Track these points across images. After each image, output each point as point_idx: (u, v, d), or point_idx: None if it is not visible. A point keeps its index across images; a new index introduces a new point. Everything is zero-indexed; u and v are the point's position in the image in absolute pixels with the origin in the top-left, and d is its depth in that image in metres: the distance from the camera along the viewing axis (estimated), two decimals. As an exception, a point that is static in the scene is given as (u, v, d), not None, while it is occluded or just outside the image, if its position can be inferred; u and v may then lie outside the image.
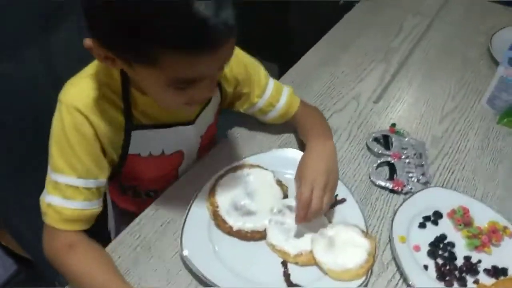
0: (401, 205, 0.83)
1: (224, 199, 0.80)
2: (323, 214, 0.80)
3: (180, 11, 0.52)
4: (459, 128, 1.04)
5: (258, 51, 0.92)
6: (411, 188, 0.88)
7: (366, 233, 0.76)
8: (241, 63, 0.84)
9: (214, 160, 0.90)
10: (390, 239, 0.78)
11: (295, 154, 0.90)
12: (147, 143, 0.78)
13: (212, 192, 0.81)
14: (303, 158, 0.81)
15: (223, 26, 0.55)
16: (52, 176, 0.69)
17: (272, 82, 0.89)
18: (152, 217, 0.81)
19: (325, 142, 0.83)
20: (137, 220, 0.81)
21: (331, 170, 0.77)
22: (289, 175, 0.86)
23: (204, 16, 0.53)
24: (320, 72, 1.17)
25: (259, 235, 0.77)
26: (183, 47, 0.55)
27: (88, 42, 0.60)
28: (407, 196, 0.86)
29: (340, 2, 1.61)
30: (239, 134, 0.97)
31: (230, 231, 0.77)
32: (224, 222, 0.77)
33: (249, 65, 0.86)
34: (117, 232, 0.82)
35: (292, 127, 0.96)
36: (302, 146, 0.94)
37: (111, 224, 0.99)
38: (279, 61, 1.40)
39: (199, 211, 0.79)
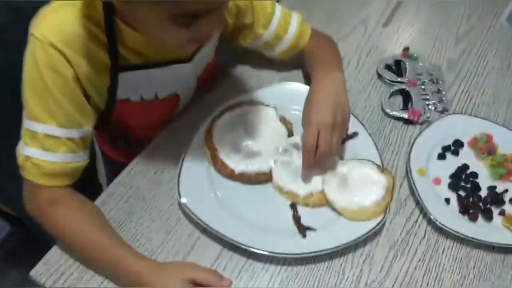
0: (418, 135, 0.76)
1: (223, 141, 0.71)
2: (333, 151, 0.72)
3: None
4: (476, 50, 0.94)
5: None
6: (428, 117, 0.80)
7: (382, 168, 0.69)
8: None
9: (210, 99, 0.80)
10: (408, 173, 0.71)
11: (300, 88, 0.80)
12: (138, 86, 0.68)
13: (208, 134, 0.72)
14: (307, 96, 0.71)
15: None
16: (28, 124, 0.60)
17: (279, 10, 0.77)
18: (144, 165, 0.73)
19: (332, 73, 0.73)
20: (127, 169, 0.73)
21: (339, 105, 0.68)
22: (295, 111, 0.78)
23: None
24: (320, -2, 1.05)
25: (264, 178, 0.70)
26: None
27: None
28: (424, 126, 0.78)
29: None
30: (237, 70, 0.87)
31: (232, 175, 0.69)
32: (225, 165, 0.70)
33: None
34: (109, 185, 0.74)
35: (296, 60, 0.85)
36: (308, 80, 0.84)
37: (102, 177, 0.92)
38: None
39: (196, 156, 0.71)
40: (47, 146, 0.60)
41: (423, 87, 0.83)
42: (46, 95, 0.58)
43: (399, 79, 0.85)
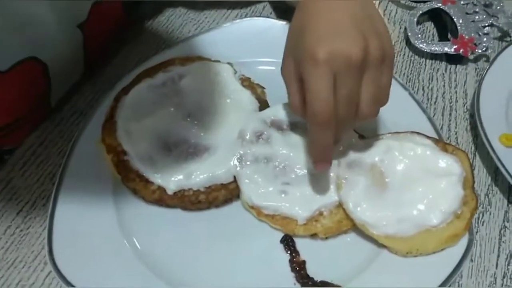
0: (482, 79, 0.43)
1: (136, 134, 0.37)
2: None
3: None
4: None
5: None
6: (484, 49, 0.48)
7: (443, 143, 0.37)
8: None
9: (115, 66, 0.46)
10: (487, 144, 0.39)
11: (270, 24, 0.47)
12: None
13: (108, 125, 0.38)
14: (297, 18, 0.35)
15: None
16: None
17: None
18: (-3, 202, 0.38)
19: None
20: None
21: (369, 22, 0.32)
22: (265, 66, 0.45)
23: None
24: None
25: (224, 194, 0.36)
26: None
27: None
28: (481, 63, 0.47)
29: None
30: (163, 14, 0.52)
31: (161, 198, 0.36)
32: (146, 181, 0.36)
33: None
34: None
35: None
36: (280, 12, 0.51)
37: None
38: None
39: (85, 171, 0.37)
40: None
41: (467, 1, 0.51)
42: None
43: (426, -7, 0.52)
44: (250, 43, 0.46)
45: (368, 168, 0.35)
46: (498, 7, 0.51)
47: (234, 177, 0.36)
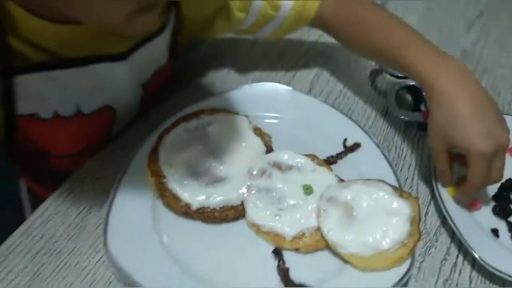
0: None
1: (173, 163, 0.50)
2: (331, 170, 0.52)
3: None
4: (493, 38, 0.76)
5: None
6: (448, 120, 0.60)
7: (400, 191, 0.49)
8: None
9: (160, 112, 0.60)
10: (437, 195, 0.50)
11: (278, 88, 0.61)
12: (47, 96, 0.47)
13: (153, 155, 0.51)
14: (441, 107, 0.47)
15: None
16: None
17: None
18: (64, 204, 0.51)
19: (443, 58, 0.49)
20: (39, 210, 0.51)
21: (494, 108, 0.47)
22: (272, 120, 0.58)
23: None
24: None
25: (234, 213, 0.48)
26: None
27: None
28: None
29: None
30: (197, 73, 0.66)
31: (187, 212, 0.48)
32: (177, 198, 0.48)
33: None
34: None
35: (275, 50, 0.65)
36: (289, 77, 0.65)
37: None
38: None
39: (134, 187, 0.50)
40: None
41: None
42: None
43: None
44: (262, 101, 0.60)
45: (342, 203, 0.47)
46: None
47: (242, 201, 0.49)
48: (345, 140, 0.56)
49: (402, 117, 0.60)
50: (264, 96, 0.60)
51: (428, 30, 0.76)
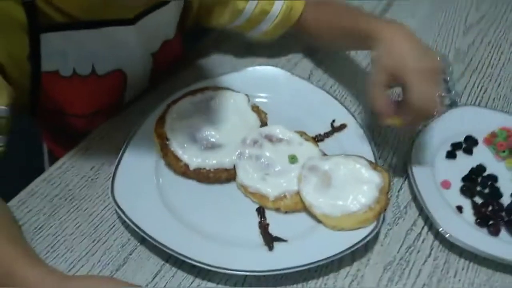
0: (421, 130, 0.61)
1: (176, 128, 0.57)
2: (317, 145, 0.58)
3: None
4: (488, 39, 0.80)
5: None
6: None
7: (374, 165, 0.54)
8: None
9: (170, 85, 0.67)
10: (409, 174, 0.56)
11: (276, 73, 0.67)
12: (67, 54, 0.54)
13: (160, 121, 0.58)
14: (382, 47, 0.54)
15: None
16: None
17: None
18: (79, 160, 0.59)
19: (391, 23, 0.57)
20: (58, 163, 0.58)
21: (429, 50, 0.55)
22: (270, 100, 0.65)
23: None
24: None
25: (226, 175, 0.55)
26: None
27: None
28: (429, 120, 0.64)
29: None
30: (208, 54, 0.73)
31: (185, 171, 0.55)
32: (177, 159, 0.55)
33: None
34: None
35: (281, 40, 0.71)
36: (290, 65, 0.71)
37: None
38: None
39: (141, 147, 0.57)
40: None
41: (426, 75, 0.69)
42: None
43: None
44: (262, 83, 0.66)
45: (322, 172, 0.53)
46: (451, 82, 0.69)
47: (234, 165, 0.55)
48: (333, 121, 0.62)
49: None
50: (265, 79, 0.67)
51: (428, 30, 0.82)
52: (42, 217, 0.53)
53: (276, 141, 0.57)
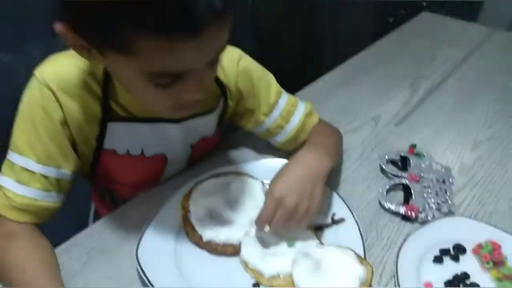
0: (413, 232, 0.68)
1: (198, 203, 0.69)
2: (314, 234, 0.66)
3: None
4: (495, 157, 0.88)
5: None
6: (427, 217, 0.72)
7: (361, 259, 0.61)
8: (248, 76, 0.74)
9: (202, 167, 0.80)
10: (395, 272, 0.62)
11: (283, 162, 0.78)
12: (124, 139, 0.69)
13: (187, 195, 0.70)
14: (284, 165, 0.67)
15: (206, 5, 0.46)
16: (9, 155, 0.62)
17: (284, 100, 0.77)
18: (117, 220, 0.71)
19: (320, 156, 0.68)
20: (100, 221, 0.71)
21: (310, 192, 0.63)
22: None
23: None
24: (338, 91, 1.07)
25: (232, 250, 0.64)
26: (155, 28, 0.45)
27: (59, 27, 0.50)
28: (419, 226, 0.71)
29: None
30: (238, 141, 0.87)
31: (199, 242, 0.65)
32: (194, 230, 0.66)
33: (258, 79, 0.75)
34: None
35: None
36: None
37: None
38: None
39: (168, 216, 0.68)
40: (21, 179, 0.61)
41: (426, 184, 0.77)
42: (31, 130, 0.61)
43: (400, 174, 0.80)
44: (273, 170, 0.77)
45: (316, 259, 0.61)
46: (450, 193, 0.76)
47: (240, 243, 0.65)
48: (334, 214, 0.70)
49: (389, 207, 0.73)
50: (276, 168, 0.78)
51: (438, 143, 0.91)
52: (79, 266, 0.64)
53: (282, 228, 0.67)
